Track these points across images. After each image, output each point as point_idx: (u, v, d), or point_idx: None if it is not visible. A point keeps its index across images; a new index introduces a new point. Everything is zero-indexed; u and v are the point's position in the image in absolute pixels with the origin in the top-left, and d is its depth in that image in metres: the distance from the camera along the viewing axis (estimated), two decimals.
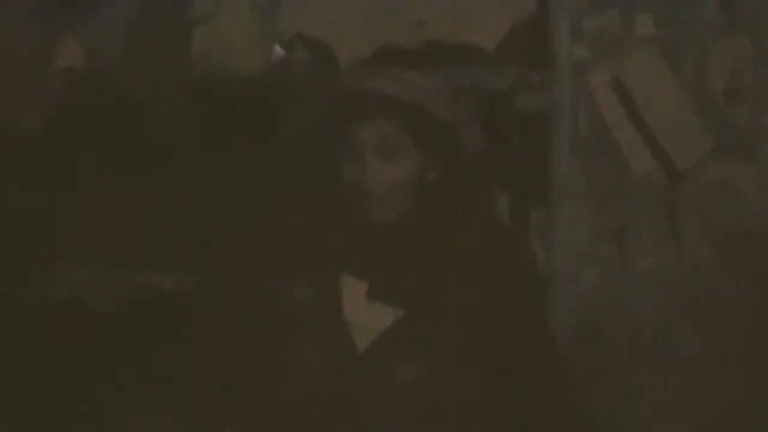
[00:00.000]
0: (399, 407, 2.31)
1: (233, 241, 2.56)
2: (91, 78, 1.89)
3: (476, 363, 2.34)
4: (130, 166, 3.02)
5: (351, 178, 2.32)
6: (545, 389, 2.37)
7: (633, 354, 3.18)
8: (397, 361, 2.31)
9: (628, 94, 3.23)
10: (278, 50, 3.15)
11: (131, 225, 3.05)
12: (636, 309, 3.20)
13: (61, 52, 1.81)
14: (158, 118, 3.02)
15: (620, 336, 3.18)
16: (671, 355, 3.17)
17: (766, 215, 3.22)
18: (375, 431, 2.32)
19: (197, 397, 2.45)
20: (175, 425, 2.44)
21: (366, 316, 2.32)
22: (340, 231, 2.38)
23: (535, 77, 3.17)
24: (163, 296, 3.01)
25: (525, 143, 3.17)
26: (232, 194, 3.04)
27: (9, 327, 2.89)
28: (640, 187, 3.23)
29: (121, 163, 3.01)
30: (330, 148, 2.35)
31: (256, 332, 2.40)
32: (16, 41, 1.77)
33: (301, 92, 3.04)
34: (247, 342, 2.41)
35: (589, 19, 3.24)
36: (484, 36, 3.21)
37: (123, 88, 2.86)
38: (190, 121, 3.07)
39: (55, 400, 2.93)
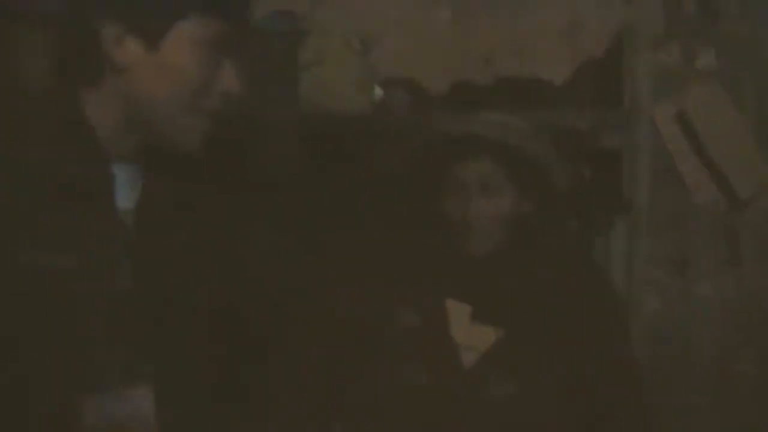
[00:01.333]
0: (492, 422, 2.48)
1: (346, 272, 2.73)
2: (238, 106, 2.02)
3: (562, 382, 2.51)
4: (240, 197, 3.16)
5: (455, 212, 2.52)
6: (624, 408, 2.54)
7: (692, 381, 3.26)
8: (494, 379, 2.49)
9: (691, 126, 3.31)
10: (378, 91, 3.31)
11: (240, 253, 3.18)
12: (696, 336, 3.28)
13: (219, 76, 1.94)
14: (269, 153, 3.17)
15: (680, 363, 3.26)
16: (730, 383, 3.24)
17: None
18: None
19: (310, 415, 2.62)
20: None
21: (470, 337, 2.51)
22: (445, 262, 2.57)
23: (614, 116, 3.28)
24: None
25: (600, 178, 3.28)
26: (339, 228, 3.17)
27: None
28: (701, 216, 3.30)
29: (233, 193, 3.15)
30: (431, 185, 2.55)
31: (367, 355, 2.58)
32: (188, 64, 1.91)
33: (399, 131, 3.16)
34: (358, 364, 2.59)
35: (653, 54, 3.33)
36: (552, 72, 3.33)
37: (243, 121, 3.02)
38: (297, 157, 3.22)
39: None
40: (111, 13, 1.83)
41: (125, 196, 1.94)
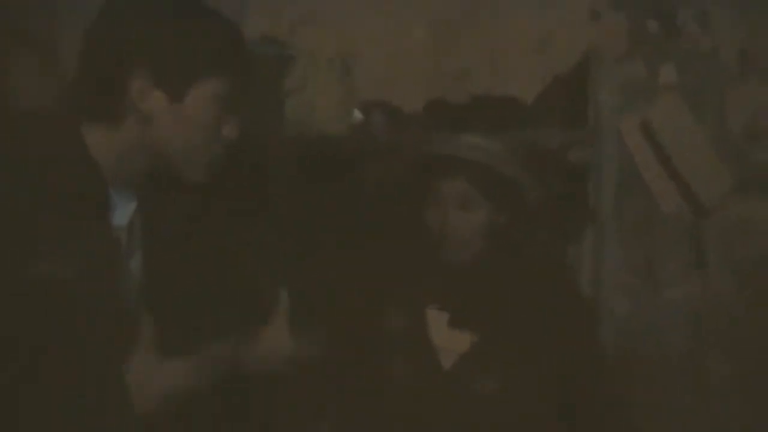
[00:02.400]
0: (474, 417, 2.65)
1: (338, 280, 2.89)
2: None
3: (538, 378, 2.67)
4: (235, 213, 3.28)
5: (434, 225, 2.69)
6: (596, 398, 2.72)
7: (662, 378, 3.37)
8: (473, 378, 2.66)
9: (655, 137, 3.44)
10: (357, 114, 3.46)
11: (240, 265, 3.28)
12: (664, 336, 3.38)
13: (225, 124, 2.12)
14: (257, 173, 3.31)
15: (650, 361, 3.38)
16: (698, 380, 3.36)
17: None
18: None
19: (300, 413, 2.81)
20: None
21: (448, 341, 2.68)
22: (425, 270, 2.74)
23: (580, 132, 3.42)
24: None
25: (569, 191, 3.41)
26: (325, 241, 3.30)
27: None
28: (668, 223, 3.41)
29: (229, 211, 3.27)
30: (413, 200, 2.73)
31: (355, 355, 2.74)
32: (205, 117, 2.09)
33: (379, 151, 3.30)
34: (346, 363, 2.74)
35: (617, 69, 3.47)
36: (523, 89, 3.46)
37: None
38: (285, 176, 3.35)
39: None
40: (138, 67, 1.99)
41: (120, 214, 2.10)
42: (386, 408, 2.69)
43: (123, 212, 2.12)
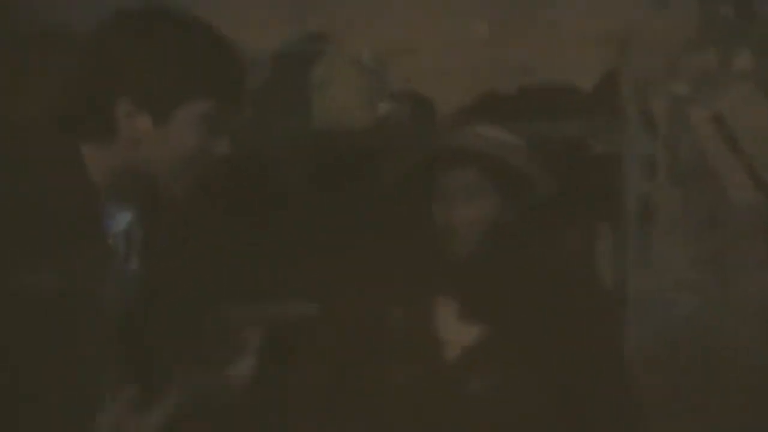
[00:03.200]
0: (474, 414, 2.56)
1: (345, 272, 2.84)
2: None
3: (545, 378, 2.57)
4: (254, 210, 3.29)
5: (440, 217, 2.63)
6: (605, 409, 2.57)
7: (733, 375, 3.19)
8: (477, 373, 2.58)
9: (728, 128, 3.30)
10: (382, 106, 3.43)
11: (257, 260, 3.29)
12: (733, 333, 3.21)
13: (215, 142, 2.16)
14: (282, 167, 3.32)
15: (714, 359, 3.19)
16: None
17: None
18: None
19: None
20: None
21: (455, 333, 2.61)
22: (432, 263, 2.67)
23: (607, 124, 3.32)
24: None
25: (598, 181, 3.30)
26: (340, 232, 3.28)
27: None
28: (739, 215, 3.26)
29: (246, 207, 3.29)
30: (422, 193, 2.68)
31: (359, 348, 2.68)
32: (191, 139, 2.15)
33: (399, 144, 3.27)
34: (353, 356, 2.69)
35: (687, 57, 3.34)
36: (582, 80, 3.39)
37: (254, 140, 3.19)
38: (309, 169, 3.36)
39: None
40: (124, 90, 2.02)
41: (116, 223, 2.16)
42: (388, 405, 2.62)
43: (119, 221, 2.17)
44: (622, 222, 3.31)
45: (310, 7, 3.51)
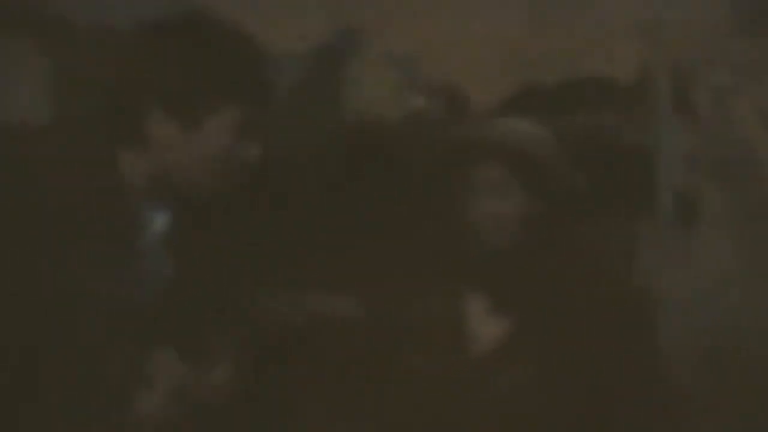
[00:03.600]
0: (503, 409, 2.56)
1: (374, 266, 2.80)
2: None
3: (576, 375, 2.56)
4: (286, 206, 3.29)
5: (467, 211, 2.65)
6: (639, 409, 2.57)
7: None
8: (506, 369, 2.58)
9: None
10: (417, 101, 3.46)
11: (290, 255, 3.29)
12: None
13: (243, 149, 2.18)
14: (315, 162, 3.32)
15: (758, 359, 3.10)
16: None
17: None
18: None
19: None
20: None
21: (485, 329, 2.61)
22: (463, 256, 2.67)
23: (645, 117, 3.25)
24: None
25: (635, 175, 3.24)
26: (371, 227, 3.26)
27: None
28: None
29: (279, 203, 3.29)
30: (451, 187, 2.69)
31: (387, 342, 2.67)
32: (219, 147, 2.17)
33: (429, 138, 3.27)
34: (381, 351, 2.67)
35: (729, 46, 3.27)
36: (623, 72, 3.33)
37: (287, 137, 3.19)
38: (342, 164, 3.35)
39: None
40: (155, 98, 2.11)
41: (148, 225, 2.21)
42: (417, 400, 2.60)
43: (154, 224, 2.23)
44: (658, 217, 3.24)
45: (345, 3, 3.51)
